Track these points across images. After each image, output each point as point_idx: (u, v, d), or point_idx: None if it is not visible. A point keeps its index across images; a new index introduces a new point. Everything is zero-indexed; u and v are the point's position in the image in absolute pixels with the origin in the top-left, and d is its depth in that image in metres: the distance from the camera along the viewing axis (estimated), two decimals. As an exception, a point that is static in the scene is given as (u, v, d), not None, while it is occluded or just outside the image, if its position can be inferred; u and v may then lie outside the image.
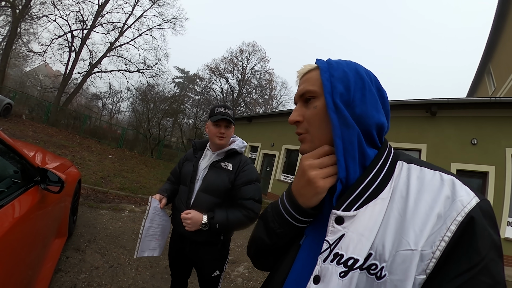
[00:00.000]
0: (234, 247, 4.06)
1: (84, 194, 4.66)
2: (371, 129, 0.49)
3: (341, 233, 0.45)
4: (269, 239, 0.56)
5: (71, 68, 16.32)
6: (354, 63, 0.54)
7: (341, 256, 0.43)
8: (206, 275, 1.49)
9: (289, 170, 10.96)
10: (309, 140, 0.53)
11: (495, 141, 6.04)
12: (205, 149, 1.57)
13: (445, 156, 6.47)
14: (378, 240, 0.42)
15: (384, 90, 0.53)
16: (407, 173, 0.47)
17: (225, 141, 1.47)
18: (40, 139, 8.64)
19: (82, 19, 15.98)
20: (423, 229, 0.39)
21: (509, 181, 5.79)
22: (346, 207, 0.46)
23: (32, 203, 1.41)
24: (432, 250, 0.37)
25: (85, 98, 24.35)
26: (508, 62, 9.84)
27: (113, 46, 17.55)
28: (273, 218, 0.55)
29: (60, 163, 2.54)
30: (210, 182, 1.42)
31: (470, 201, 0.39)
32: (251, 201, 1.40)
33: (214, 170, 1.46)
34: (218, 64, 28.52)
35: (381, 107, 0.51)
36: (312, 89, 0.52)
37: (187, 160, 1.60)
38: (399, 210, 0.43)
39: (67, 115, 15.49)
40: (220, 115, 1.44)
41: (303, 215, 0.51)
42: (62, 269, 2.29)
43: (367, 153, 0.48)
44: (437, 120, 6.91)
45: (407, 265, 0.38)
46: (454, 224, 0.37)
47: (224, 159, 1.49)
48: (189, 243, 1.45)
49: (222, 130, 1.45)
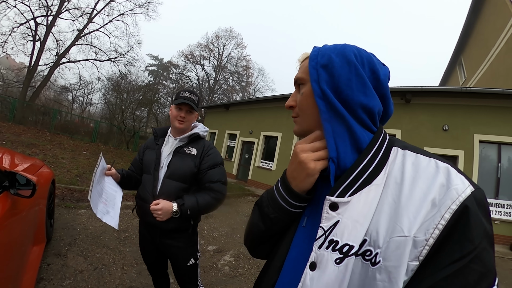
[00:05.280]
0: (219, 236, 4.09)
1: (60, 194, 4.43)
2: (358, 112, 0.49)
3: (335, 220, 0.45)
4: (263, 225, 0.57)
5: (36, 59, 15.05)
6: (344, 47, 0.52)
7: (336, 242, 0.44)
8: (182, 266, 1.49)
9: (268, 156, 11.11)
10: (299, 123, 0.57)
11: (464, 128, 6.57)
12: (167, 135, 1.56)
13: (419, 141, 6.86)
14: (372, 226, 0.42)
15: (380, 71, 0.51)
16: (402, 159, 0.47)
17: (185, 125, 1.47)
18: (7, 139, 8.00)
19: (47, 5, 14.62)
20: (417, 215, 0.39)
21: (477, 164, 6.35)
22: (340, 193, 0.46)
23: (3, 211, 1.30)
24: (425, 237, 0.38)
25: (53, 92, 22.75)
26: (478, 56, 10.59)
27: (81, 33, 16.38)
28: (267, 203, 0.57)
29: (31, 164, 2.37)
30: (176, 168, 1.43)
31: (465, 190, 0.39)
32: (218, 184, 1.44)
33: (179, 156, 1.46)
34: (194, 51, 27.81)
35: (371, 91, 0.50)
36: (301, 76, 0.56)
37: (148, 148, 1.58)
38: (394, 196, 0.43)
39: (34, 111, 14.41)
40: (183, 99, 1.44)
41: (296, 199, 0.51)
42: (45, 277, 2.17)
43: (359, 137, 0.48)
44: (412, 107, 7.32)
45: (401, 251, 0.38)
46: (448, 213, 0.38)
47: (187, 144, 1.49)
48: (159, 232, 1.45)
49: (183, 114, 1.45)
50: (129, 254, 2.88)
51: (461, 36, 12.43)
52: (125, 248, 3.02)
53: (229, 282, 2.78)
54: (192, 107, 1.45)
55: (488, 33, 10.10)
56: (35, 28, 14.73)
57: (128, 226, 3.65)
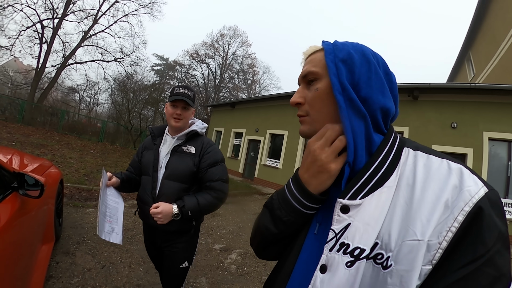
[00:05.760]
0: (226, 235, 4.10)
1: (68, 194, 4.49)
2: (376, 113, 0.48)
3: (347, 222, 0.44)
4: (275, 228, 0.55)
5: (44, 61, 15.26)
6: (361, 45, 0.52)
7: (347, 245, 0.43)
8: (174, 267, 1.45)
9: (274, 155, 11.10)
10: (309, 123, 0.53)
11: (473, 125, 6.40)
12: (164, 134, 1.50)
13: (426, 139, 6.75)
14: (384, 230, 0.41)
15: (392, 74, 0.52)
16: (414, 161, 0.46)
17: (182, 123, 1.40)
18: (16, 140, 8.17)
19: (52, 7, 14.81)
20: (430, 218, 0.38)
21: (486, 163, 6.18)
22: (351, 196, 0.45)
23: (12, 211, 1.32)
24: (439, 241, 0.37)
25: (61, 93, 23.05)
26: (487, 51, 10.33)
27: (87, 35, 16.55)
28: (279, 205, 0.54)
29: (39, 164, 2.41)
30: (174, 167, 1.38)
31: (478, 191, 0.38)
32: (220, 182, 1.39)
33: (177, 155, 1.41)
34: (199, 50, 27.85)
35: (388, 92, 0.50)
36: (315, 71, 0.51)
37: (146, 148, 1.52)
38: (406, 198, 0.42)
39: (43, 112, 14.63)
40: (178, 96, 1.37)
41: (312, 201, 0.49)
42: (54, 275, 2.21)
43: (373, 138, 0.47)
44: (419, 103, 7.19)
45: (414, 255, 0.37)
46: (461, 215, 0.37)
47: (185, 142, 1.43)
48: (161, 235, 1.42)
49: (178, 111, 1.38)
50: (136, 253, 2.91)
51: (469, 31, 12.17)
52: (132, 246, 3.05)
53: (236, 280, 2.78)
54: (187, 103, 1.39)
55: (497, 28, 9.86)
56: (41, 31, 14.95)
57: (135, 225, 3.68)
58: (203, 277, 2.73)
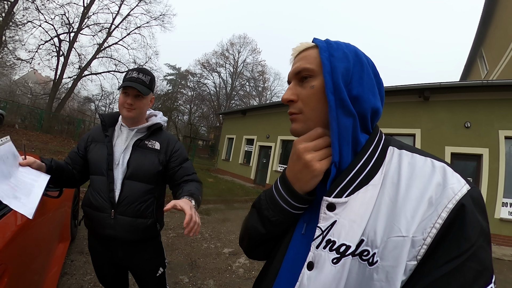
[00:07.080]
0: (235, 239, 4.10)
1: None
2: (367, 113, 0.49)
3: (333, 220, 0.45)
4: (263, 228, 0.55)
5: (61, 73, 16.06)
6: (353, 46, 0.53)
7: (333, 242, 0.43)
8: (150, 279, 1.28)
9: (285, 161, 11.02)
10: (302, 121, 0.52)
11: (488, 124, 6.10)
12: (118, 124, 1.26)
13: (439, 140, 6.55)
14: (369, 227, 0.42)
15: (380, 77, 0.53)
16: (398, 159, 0.47)
17: (134, 113, 1.18)
18: (35, 147, 8.56)
19: (68, 22, 15.64)
20: (414, 215, 0.39)
21: (503, 163, 5.87)
22: (337, 194, 0.46)
23: (33, 210, 1.41)
24: (423, 237, 0.38)
25: (77, 102, 24.00)
26: (500, 46, 9.87)
27: (101, 47, 17.27)
28: (267, 206, 0.53)
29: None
30: (138, 166, 1.17)
31: (461, 188, 0.39)
32: (194, 175, 1.27)
33: (140, 151, 1.20)
34: (210, 59, 28.51)
35: (377, 92, 0.51)
36: (310, 67, 0.50)
37: (94, 141, 1.25)
38: (390, 196, 0.43)
39: (60, 121, 15.31)
40: (129, 82, 1.13)
41: (299, 201, 0.50)
42: (68, 272, 2.33)
43: (359, 139, 0.48)
44: (430, 104, 6.95)
45: (399, 251, 0.38)
46: (445, 211, 0.38)
47: (148, 136, 1.24)
48: (121, 247, 1.20)
49: (129, 100, 1.15)
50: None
51: (479, 26, 11.65)
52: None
53: (243, 284, 2.79)
54: (140, 91, 1.14)
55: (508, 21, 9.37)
56: (58, 44, 15.77)
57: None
58: (211, 279, 2.75)
